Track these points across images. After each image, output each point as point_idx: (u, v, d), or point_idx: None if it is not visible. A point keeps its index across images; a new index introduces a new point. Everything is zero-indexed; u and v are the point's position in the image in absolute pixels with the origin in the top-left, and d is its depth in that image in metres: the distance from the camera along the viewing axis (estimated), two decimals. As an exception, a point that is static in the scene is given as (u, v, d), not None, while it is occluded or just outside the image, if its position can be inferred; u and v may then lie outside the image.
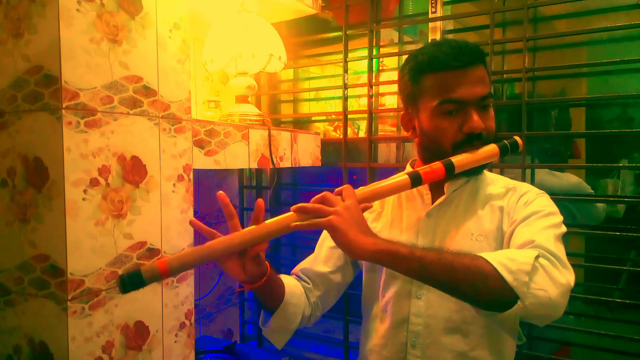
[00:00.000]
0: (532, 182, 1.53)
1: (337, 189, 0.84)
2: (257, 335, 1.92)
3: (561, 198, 1.58)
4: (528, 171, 1.46)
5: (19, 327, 0.95)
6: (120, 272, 0.97)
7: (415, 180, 0.86)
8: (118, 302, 0.97)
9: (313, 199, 0.82)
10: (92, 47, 0.91)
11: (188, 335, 1.15)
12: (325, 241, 1.07)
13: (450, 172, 0.87)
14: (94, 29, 0.92)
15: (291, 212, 0.81)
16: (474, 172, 0.93)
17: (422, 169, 0.87)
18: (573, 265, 0.79)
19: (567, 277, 0.76)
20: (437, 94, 0.90)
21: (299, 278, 1.03)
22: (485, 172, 1.01)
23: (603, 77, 1.76)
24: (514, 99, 1.59)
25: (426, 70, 0.92)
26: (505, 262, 0.73)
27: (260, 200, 0.81)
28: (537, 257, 0.75)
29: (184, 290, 1.14)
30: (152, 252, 1.05)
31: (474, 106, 0.89)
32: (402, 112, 1.01)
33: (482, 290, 0.73)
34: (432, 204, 0.97)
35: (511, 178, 1.06)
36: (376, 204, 1.06)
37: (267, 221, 0.81)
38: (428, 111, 0.92)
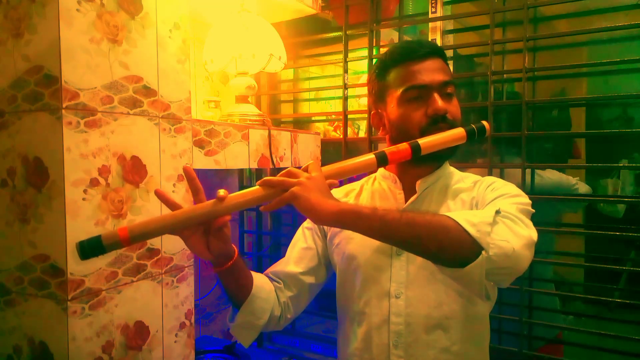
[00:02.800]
0: (532, 183, 1.53)
1: (303, 167, 0.85)
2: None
3: (562, 198, 1.58)
4: (528, 171, 1.46)
5: (19, 327, 0.95)
6: (120, 271, 0.97)
7: (381, 159, 0.87)
8: (118, 302, 0.97)
9: (279, 174, 0.83)
10: (92, 47, 0.92)
11: (188, 335, 1.15)
12: (297, 242, 1.07)
13: (417, 153, 0.88)
14: (94, 29, 0.92)
15: (257, 187, 0.82)
16: (442, 156, 0.95)
17: (389, 149, 0.88)
18: (573, 265, 0.80)
19: (529, 231, 0.77)
20: (401, 83, 0.95)
21: (270, 279, 1.02)
22: (455, 170, 1.03)
23: (603, 77, 1.76)
24: (514, 99, 1.59)
25: (390, 65, 0.98)
26: (467, 216, 0.75)
27: (222, 193, 0.80)
28: (497, 212, 0.76)
29: (184, 290, 1.14)
30: (152, 252, 1.05)
31: (437, 91, 0.93)
32: (372, 113, 1.04)
33: (445, 243, 0.73)
34: (405, 203, 0.98)
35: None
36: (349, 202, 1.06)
37: (231, 194, 0.80)
38: (394, 102, 0.96)
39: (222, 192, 0.79)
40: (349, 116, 1.75)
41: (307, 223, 1.09)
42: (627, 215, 1.76)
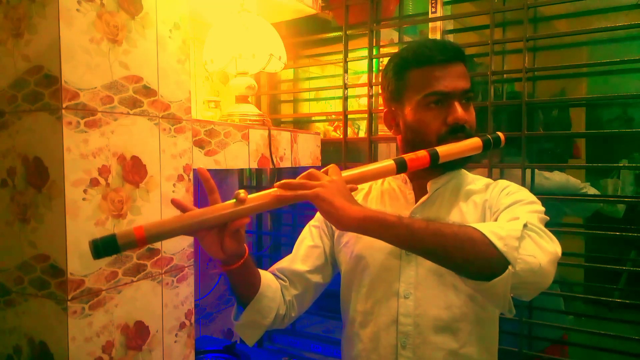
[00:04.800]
0: (532, 183, 1.53)
1: (323, 169, 0.84)
2: (257, 335, 1.92)
3: (562, 198, 1.59)
4: (528, 172, 1.46)
5: (19, 327, 0.95)
6: (120, 271, 0.97)
7: (401, 166, 0.87)
8: (118, 302, 0.97)
9: (299, 176, 0.82)
10: (92, 47, 0.92)
11: (188, 335, 1.15)
12: (304, 240, 1.05)
13: (435, 161, 0.88)
14: (94, 29, 0.92)
15: (275, 189, 0.80)
16: (457, 164, 0.94)
17: (408, 156, 0.88)
18: (573, 265, 0.79)
19: (555, 247, 0.77)
20: (422, 87, 0.92)
21: (275, 276, 1.00)
22: (466, 172, 1.02)
23: (603, 77, 1.77)
24: (514, 99, 1.59)
25: (411, 65, 0.94)
26: (494, 229, 0.73)
27: (242, 195, 0.78)
28: (525, 225, 0.75)
29: (184, 290, 1.14)
30: (153, 252, 1.05)
31: (457, 99, 0.92)
32: (385, 111, 1.02)
33: (471, 256, 0.72)
34: (416, 203, 0.97)
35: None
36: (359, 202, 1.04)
37: (249, 196, 0.79)
38: (413, 105, 0.94)
39: (242, 193, 0.77)
40: (349, 116, 1.75)
41: (314, 221, 1.08)
42: (627, 215, 1.76)
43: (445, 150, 0.89)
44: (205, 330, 1.78)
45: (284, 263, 1.03)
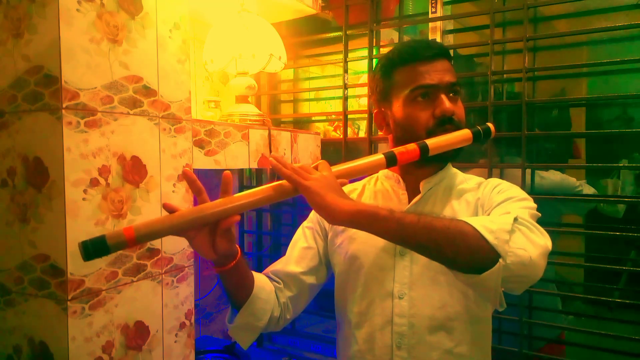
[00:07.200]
0: (531, 183, 1.53)
1: (312, 165, 0.85)
2: (257, 335, 1.92)
3: (560, 198, 1.59)
4: (527, 171, 1.46)
5: (19, 327, 0.95)
6: (120, 271, 0.98)
7: (390, 160, 0.87)
8: (118, 302, 0.97)
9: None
10: (92, 47, 0.92)
11: (188, 335, 1.15)
12: (298, 241, 1.06)
13: (425, 154, 0.88)
14: (94, 29, 0.92)
15: (267, 186, 0.81)
16: (448, 157, 0.95)
17: (397, 149, 0.89)
18: (573, 265, 0.79)
19: (545, 240, 0.77)
20: (409, 83, 0.94)
21: (269, 278, 1.00)
22: (458, 172, 1.03)
23: (603, 77, 1.76)
24: (514, 99, 1.59)
25: (397, 64, 0.96)
26: (485, 223, 0.74)
27: (227, 173, 0.80)
28: (515, 219, 0.75)
29: (184, 290, 1.14)
30: (152, 252, 1.05)
31: (444, 91, 0.93)
32: (375, 112, 1.03)
33: (462, 249, 0.72)
34: (409, 203, 0.98)
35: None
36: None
37: (238, 194, 0.79)
38: (400, 101, 0.95)
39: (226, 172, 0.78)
40: (349, 116, 1.75)
41: (308, 222, 1.08)
42: (627, 215, 1.76)
43: (435, 142, 0.90)
44: (205, 330, 1.78)
45: (277, 265, 1.04)
